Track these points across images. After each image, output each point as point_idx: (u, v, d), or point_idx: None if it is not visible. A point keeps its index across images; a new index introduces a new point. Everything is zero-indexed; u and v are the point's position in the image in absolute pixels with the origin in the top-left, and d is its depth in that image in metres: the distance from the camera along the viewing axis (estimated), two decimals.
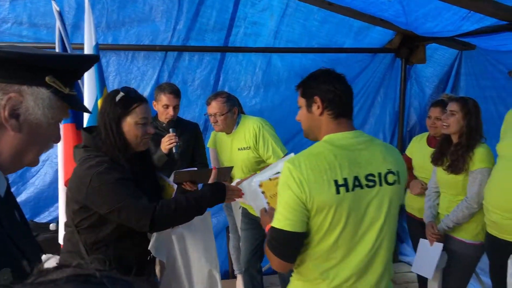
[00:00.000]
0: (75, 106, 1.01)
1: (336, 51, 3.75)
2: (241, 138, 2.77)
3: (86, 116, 2.69)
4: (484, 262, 2.57)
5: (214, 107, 2.72)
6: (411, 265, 4.07)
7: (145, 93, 3.39)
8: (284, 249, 1.39)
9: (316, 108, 1.47)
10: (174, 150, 2.52)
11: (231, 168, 2.57)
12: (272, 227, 1.40)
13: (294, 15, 3.48)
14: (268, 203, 1.74)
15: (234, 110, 2.79)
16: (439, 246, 2.51)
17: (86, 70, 1.09)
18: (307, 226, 1.38)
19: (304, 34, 3.58)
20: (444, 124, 2.53)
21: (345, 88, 1.48)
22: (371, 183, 1.42)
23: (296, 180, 1.34)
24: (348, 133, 1.47)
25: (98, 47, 2.73)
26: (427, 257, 2.58)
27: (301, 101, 1.53)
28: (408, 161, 3.14)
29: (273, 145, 2.69)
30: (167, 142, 2.52)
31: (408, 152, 3.18)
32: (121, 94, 1.66)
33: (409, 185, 3.04)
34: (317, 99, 1.45)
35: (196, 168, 2.64)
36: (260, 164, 2.75)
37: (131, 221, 1.59)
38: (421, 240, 2.72)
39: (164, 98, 2.74)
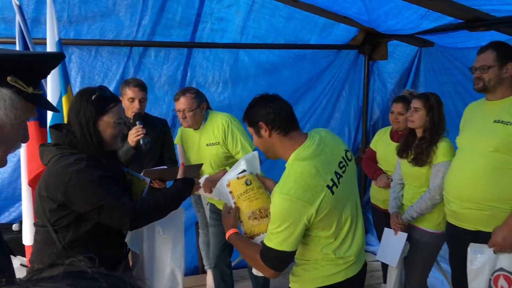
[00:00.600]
0: (41, 105, 1.00)
1: (301, 47, 3.81)
2: (210, 134, 2.78)
3: (49, 113, 2.61)
4: (444, 250, 2.71)
5: (183, 103, 2.71)
6: (375, 254, 4.23)
7: (110, 89, 3.32)
8: (285, 265, 1.59)
9: (264, 132, 1.62)
10: (141, 142, 2.49)
11: (200, 165, 2.58)
12: (273, 249, 1.54)
13: (261, 11, 3.51)
14: (235, 203, 1.76)
15: (203, 106, 2.79)
16: (403, 235, 2.62)
17: (52, 68, 1.07)
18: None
19: (270, 30, 3.62)
20: (410, 120, 2.63)
21: (282, 105, 1.64)
22: (343, 168, 1.65)
23: (299, 206, 1.50)
24: (306, 143, 1.62)
25: (61, 42, 2.65)
26: (391, 245, 2.69)
27: (251, 130, 1.69)
28: (373, 154, 3.25)
29: (242, 141, 2.72)
30: (134, 134, 2.49)
31: (372, 145, 3.29)
32: (98, 93, 1.65)
33: (375, 177, 3.15)
34: (261, 124, 1.61)
35: (165, 167, 2.63)
36: (229, 160, 2.78)
37: (112, 220, 1.60)
38: (386, 229, 2.83)
39: (129, 92, 2.70)
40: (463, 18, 2.82)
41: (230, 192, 1.78)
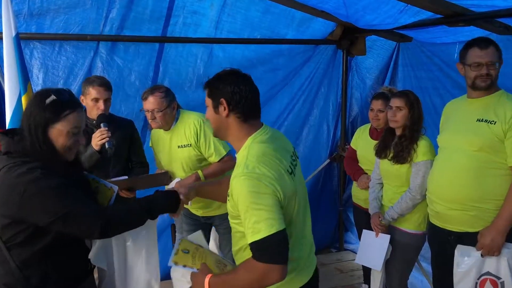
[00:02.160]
0: None
1: (278, 42, 3.70)
2: (181, 135, 2.63)
3: (8, 114, 2.42)
4: (424, 248, 2.67)
5: (152, 102, 2.53)
6: (355, 253, 4.20)
7: (75, 85, 3.14)
8: (284, 250, 1.35)
9: (222, 110, 1.48)
10: (107, 146, 2.34)
11: (165, 173, 2.44)
12: (266, 238, 1.31)
13: (235, 5, 3.37)
14: (195, 268, 1.55)
15: (174, 106, 2.63)
16: (386, 237, 2.55)
17: None
18: None
19: (246, 25, 3.49)
20: (393, 120, 2.57)
21: (251, 89, 1.50)
22: (295, 162, 1.58)
23: (267, 183, 1.35)
24: (262, 128, 1.53)
25: (18, 36, 2.45)
26: (372, 248, 2.62)
27: (208, 101, 1.54)
28: (353, 153, 3.18)
29: (215, 143, 2.58)
30: (99, 138, 2.33)
31: (353, 144, 3.22)
32: (53, 97, 1.48)
33: (356, 178, 3.08)
34: (223, 101, 1.47)
35: (126, 177, 2.46)
36: (202, 162, 2.63)
37: (80, 229, 1.45)
38: (364, 231, 2.76)
39: (93, 92, 2.52)
40: (442, 13, 2.76)
41: (185, 266, 1.57)
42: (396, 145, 2.55)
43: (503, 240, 2.01)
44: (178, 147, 2.62)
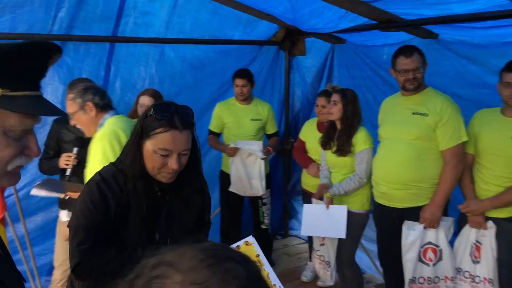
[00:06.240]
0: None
1: (225, 43, 3.87)
2: None
3: None
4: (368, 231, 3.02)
5: (67, 106, 2.19)
6: (300, 238, 4.54)
7: None
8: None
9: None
10: (66, 173, 2.42)
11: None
12: None
13: (186, 6, 3.48)
14: None
15: (87, 107, 2.15)
16: (343, 208, 2.80)
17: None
18: None
19: (196, 26, 3.61)
20: (330, 112, 2.88)
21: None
22: None
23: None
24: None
25: None
26: (328, 218, 2.80)
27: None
28: (302, 144, 3.48)
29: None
30: (64, 161, 2.36)
31: (301, 136, 3.52)
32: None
33: (306, 166, 3.37)
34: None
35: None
36: None
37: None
38: (309, 206, 3.00)
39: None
40: (377, 19, 3.14)
41: None
42: (338, 139, 2.86)
43: (440, 214, 2.42)
44: None
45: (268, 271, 1.38)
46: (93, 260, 1.37)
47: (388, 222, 2.61)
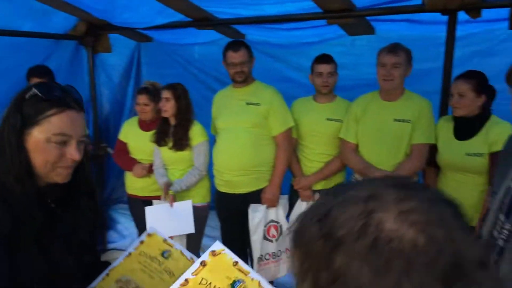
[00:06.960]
0: None
1: (10, 34, 3.23)
2: None
3: None
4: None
5: None
6: (120, 249, 4.21)
7: None
8: None
9: None
10: None
11: None
12: None
13: None
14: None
15: None
16: (188, 203, 2.75)
17: None
18: None
19: None
20: (164, 109, 2.81)
21: None
22: None
23: None
24: None
25: None
26: (173, 217, 2.73)
27: None
28: (124, 145, 3.22)
29: None
30: None
31: (121, 137, 3.24)
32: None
33: (131, 168, 3.14)
34: None
35: None
36: None
37: None
38: (150, 208, 2.85)
39: None
40: (193, 17, 3.21)
41: None
42: (174, 134, 2.82)
43: (279, 193, 2.67)
44: None
45: (259, 280, 1.09)
46: None
47: (232, 207, 2.73)
